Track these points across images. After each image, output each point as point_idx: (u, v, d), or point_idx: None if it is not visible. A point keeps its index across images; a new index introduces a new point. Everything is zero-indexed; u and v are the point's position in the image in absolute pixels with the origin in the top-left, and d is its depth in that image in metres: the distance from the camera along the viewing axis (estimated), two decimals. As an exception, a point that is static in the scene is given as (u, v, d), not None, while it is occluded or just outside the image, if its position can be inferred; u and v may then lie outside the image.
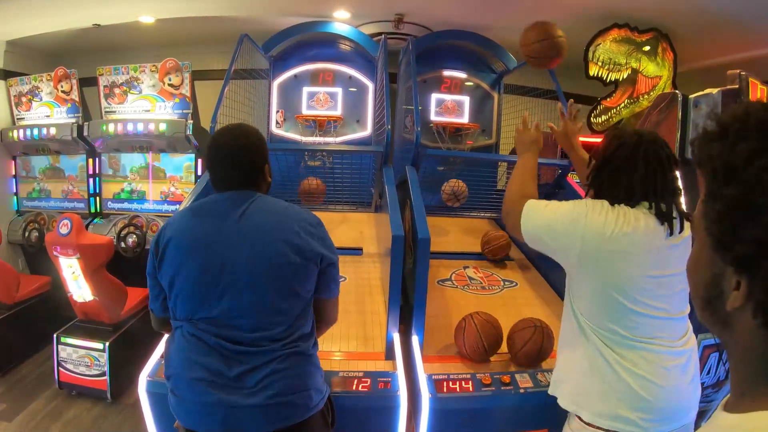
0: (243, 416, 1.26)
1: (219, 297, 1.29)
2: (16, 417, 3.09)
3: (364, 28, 3.68)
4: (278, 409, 1.28)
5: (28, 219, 4.15)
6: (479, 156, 3.23)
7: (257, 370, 1.28)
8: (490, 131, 3.75)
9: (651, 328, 1.29)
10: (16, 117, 4.39)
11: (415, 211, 2.10)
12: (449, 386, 1.72)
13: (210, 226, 1.34)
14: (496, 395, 1.70)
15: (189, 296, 1.32)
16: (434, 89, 3.65)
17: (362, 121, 3.46)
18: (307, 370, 1.36)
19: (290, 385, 1.30)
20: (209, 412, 1.27)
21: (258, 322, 1.29)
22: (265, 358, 1.29)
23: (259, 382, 1.27)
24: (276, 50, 3.46)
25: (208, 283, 1.30)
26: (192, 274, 1.31)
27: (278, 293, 1.31)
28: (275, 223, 1.34)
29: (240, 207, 1.35)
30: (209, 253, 1.30)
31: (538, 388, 1.73)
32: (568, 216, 1.34)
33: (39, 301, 3.90)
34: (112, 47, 4.59)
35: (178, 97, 3.67)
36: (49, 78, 4.11)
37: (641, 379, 1.27)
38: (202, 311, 1.30)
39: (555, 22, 2.27)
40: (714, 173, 0.50)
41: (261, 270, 1.29)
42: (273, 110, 3.39)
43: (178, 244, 1.34)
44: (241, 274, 1.29)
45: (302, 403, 1.32)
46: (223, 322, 1.29)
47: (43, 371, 3.62)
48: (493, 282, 2.70)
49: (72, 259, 3.10)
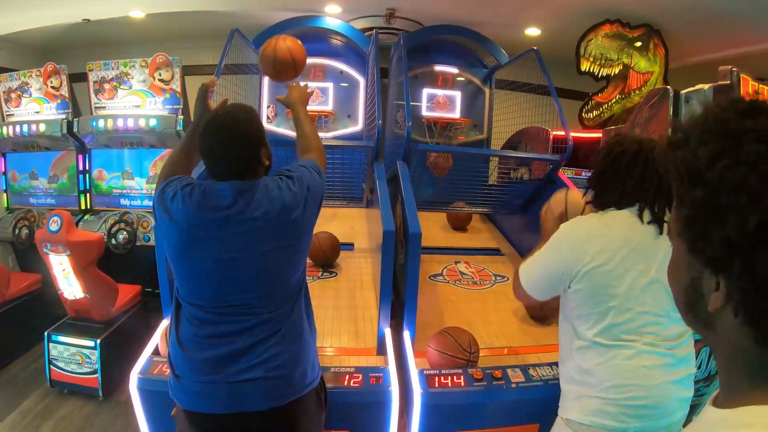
0: (243, 392, 1.29)
1: (217, 283, 1.32)
2: (7, 416, 3.07)
3: (355, 23, 3.67)
4: (276, 384, 1.31)
5: (18, 216, 4.11)
6: (470, 150, 3.23)
7: (256, 347, 1.31)
8: (482, 126, 3.75)
9: (638, 325, 1.31)
10: (5, 113, 4.35)
11: (406, 206, 2.09)
12: (441, 381, 1.72)
13: (208, 217, 1.31)
14: (487, 390, 1.70)
15: (189, 281, 1.36)
16: (426, 84, 3.65)
17: (353, 116, 3.45)
18: (303, 348, 1.39)
19: (287, 361, 1.34)
20: (210, 391, 1.30)
21: (260, 308, 1.33)
22: (262, 335, 1.32)
23: (260, 355, 1.31)
24: (267, 45, 3.44)
25: (207, 271, 1.32)
26: (191, 263, 1.34)
27: (274, 275, 1.34)
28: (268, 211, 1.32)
29: (234, 198, 1.31)
30: (207, 243, 1.31)
31: (529, 383, 1.73)
32: (551, 242, 1.42)
33: (29, 299, 3.88)
34: (102, 42, 4.55)
35: (169, 93, 3.64)
36: (39, 74, 4.07)
37: (623, 375, 1.29)
38: (202, 295, 1.34)
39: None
40: (680, 179, 0.51)
41: (255, 255, 1.31)
42: (264, 105, 3.38)
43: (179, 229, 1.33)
44: (236, 261, 1.30)
45: (298, 380, 1.35)
46: (221, 305, 1.32)
47: (34, 369, 3.59)
48: (485, 277, 2.71)
49: (62, 256, 3.08)
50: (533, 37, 4.08)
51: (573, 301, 1.38)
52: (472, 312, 2.34)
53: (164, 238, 1.37)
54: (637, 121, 2.85)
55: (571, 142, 2.61)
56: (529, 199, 2.91)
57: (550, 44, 3.74)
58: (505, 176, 3.13)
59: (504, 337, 2.13)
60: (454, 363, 1.79)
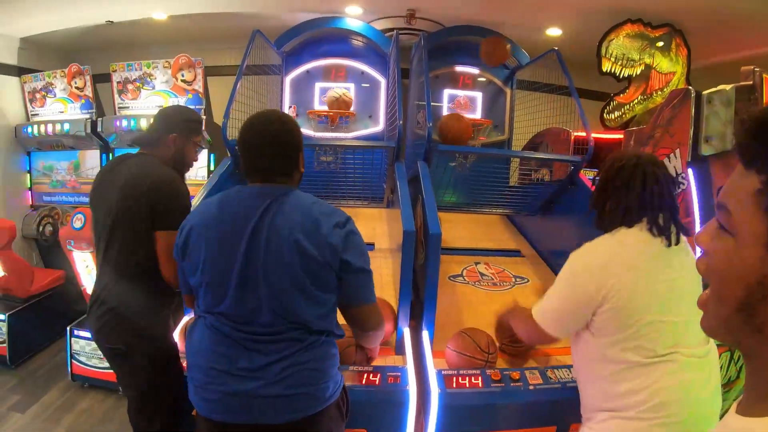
0: (260, 406, 1.27)
1: (238, 292, 1.29)
2: (29, 408, 3.14)
3: (376, 24, 3.67)
4: (296, 399, 1.28)
5: (42, 213, 4.19)
6: (491, 152, 3.21)
7: (277, 363, 1.28)
8: (503, 127, 3.73)
9: (671, 338, 1.28)
10: (30, 113, 4.43)
11: (426, 207, 2.08)
12: (459, 382, 1.71)
13: (232, 221, 1.32)
14: (505, 391, 1.68)
15: (209, 290, 1.33)
16: (447, 85, 3.64)
17: (374, 116, 3.45)
18: (325, 363, 1.35)
19: (308, 377, 1.30)
20: (228, 401, 1.28)
21: (276, 319, 1.28)
22: (284, 351, 1.29)
23: (278, 374, 1.27)
24: (288, 46, 3.47)
25: (227, 279, 1.29)
26: (212, 269, 1.31)
27: (295, 292, 1.29)
28: (296, 221, 1.30)
29: (264, 202, 1.32)
30: (229, 249, 1.29)
31: (547, 384, 1.72)
32: (565, 275, 1.40)
33: (52, 294, 3.95)
34: (125, 44, 4.61)
35: (191, 93, 3.69)
36: (63, 74, 4.14)
37: (664, 393, 1.25)
38: (223, 305, 1.30)
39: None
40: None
41: (277, 268, 1.27)
42: (285, 106, 3.40)
43: (200, 235, 1.34)
44: (258, 271, 1.27)
45: (319, 394, 1.32)
46: (242, 317, 1.29)
47: (56, 364, 3.66)
48: (505, 278, 2.68)
49: (86, 252, 3.13)
50: (554, 37, 4.05)
51: (601, 324, 1.32)
52: (492, 313, 2.30)
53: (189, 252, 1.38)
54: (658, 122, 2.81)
55: (593, 143, 2.59)
56: (550, 201, 2.89)
57: (572, 44, 3.71)
58: (526, 177, 3.11)
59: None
60: (472, 364, 1.79)
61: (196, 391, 1.33)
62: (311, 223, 1.30)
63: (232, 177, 2.58)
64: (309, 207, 1.34)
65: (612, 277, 1.28)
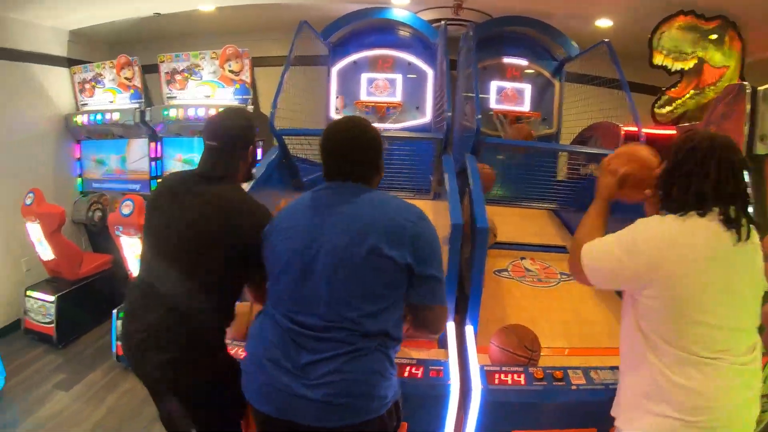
0: (298, 406, 1.24)
1: (300, 286, 1.29)
2: (73, 387, 3.23)
3: (422, 14, 3.63)
4: (332, 409, 1.24)
5: (92, 200, 4.31)
6: (541, 145, 3.14)
7: (322, 364, 1.24)
8: (551, 120, 3.65)
9: (718, 342, 1.21)
10: (80, 103, 4.56)
11: (474, 200, 2.06)
12: (501, 378, 1.68)
13: (307, 217, 1.35)
14: (547, 390, 1.64)
15: (277, 282, 1.35)
16: (494, 76, 3.58)
17: (421, 107, 3.42)
18: (374, 376, 1.28)
19: (350, 388, 1.25)
20: (270, 394, 1.27)
21: (332, 316, 1.26)
22: (332, 352, 1.25)
23: (321, 377, 1.23)
24: (335, 36, 3.46)
25: (293, 272, 1.30)
26: (281, 263, 1.33)
27: (358, 291, 1.26)
28: (369, 220, 1.29)
29: (340, 199, 1.35)
30: (299, 244, 1.31)
31: (590, 385, 1.67)
32: (624, 237, 1.29)
33: (100, 278, 4.07)
34: (173, 35, 4.69)
35: (239, 83, 3.72)
36: (112, 65, 4.24)
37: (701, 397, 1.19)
38: (286, 298, 1.32)
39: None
40: None
41: (342, 265, 1.26)
42: (332, 96, 3.39)
43: (278, 230, 1.39)
44: (323, 267, 1.27)
45: (359, 406, 1.26)
46: (300, 310, 1.29)
47: (102, 345, 3.77)
48: (550, 274, 2.62)
49: (134, 238, 3.20)
50: (604, 28, 3.94)
51: (647, 310, 1.27)
52: (536, 310, 2.28)
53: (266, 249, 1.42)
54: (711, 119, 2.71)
55: (644, 138, 2.50)
56: None
57: (622, 36, 3.60)
58: (574, 172, 3.03)
59: (565, 338, 2.05)
60: (515, 360, 1.74)
61: (248, 379, 1.35)
62: (385, 220, 1.29)
63: (279, 167, 2.60)
64: (384, 204, 1.34)
65: (670, 263, 1.21)
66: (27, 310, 3.79)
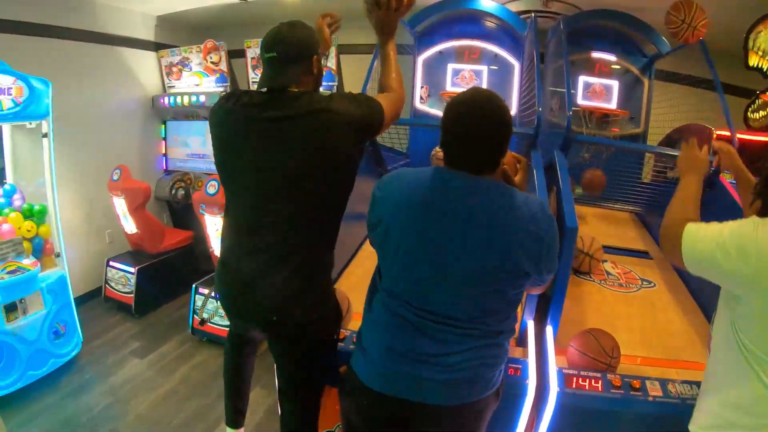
0: (428, 388, 1.27)
1: (427, 282, 1.26)
2: (148, 355, 3.42)
3: (510, 6, 3.57)
4: (465, 386, 1.29)
5: (176, 178, 4.51)
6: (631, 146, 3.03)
7: (457, 355, 1.27)
8: (639, 119, 3.52)
9: None
10: (166, 85, 4.77)
11: (563, 199, 2.00)
12: (578, 382, 1.65)
13: (435, 209, 1.25)
14: (624, 399, 1.60)
15: (398, 272, 1.30)
16: (581, 71, 3.48)
17: (507, 101, 3.37)
18: (499, 358, 1.35)
19: (482, 369, 1.30)
20: (396, 378, 1.29)
21: (462, 313, 1.26)
22: (464, 345, 1.27)
23: (456, 364, 1.27)
24: (421, 26, 3.44)
25: (419, 268, 1.26)
26: (404, 255, 1.27)
27: (487, 292, 1.25)
28: (507, 236, 1.22)
29: (470, 193, 1.24)
30: (426, 237, 1.24)
31: (667, 398, 1.61)
32: (737, 232, 1.18)
33: (180, 253, 4.27)
34: (258, 21, 4.77)
35: (325, 70, 3.77)
36: (198, 50, 4.41)
37: None
38: (409, 291, 1.29)
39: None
40: None
41: (474, 267, 1.22)
42: (417, 86, 3.40)
43: (396, 215, 1.29)
44: (453, 267, 1.23)
45: (488, 383, 1.32)
46: (428, 306, 1.27)
47: (178, 317, 3.96)
48: (631, 280, 2.55)
49: (217, 217, 3.33)
50: (697, 25, 3.76)
51: (741, 313, 1.18)
52: (615, 315, 2.21)
53: (379, 230, 1.34)
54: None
55: (737, 144, 2.37)
56: None
57: (715, 34, 3.42)
58: (660, 175, 2.92)
59: (643, 347, 1.98)
60: (593, 365, 1.71)
61: (367, 362, 1.34)
62: (523, 233, 1.22)
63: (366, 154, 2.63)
64: (520, 210, 1.24)
65: None
66: (108, 279, 4.02)
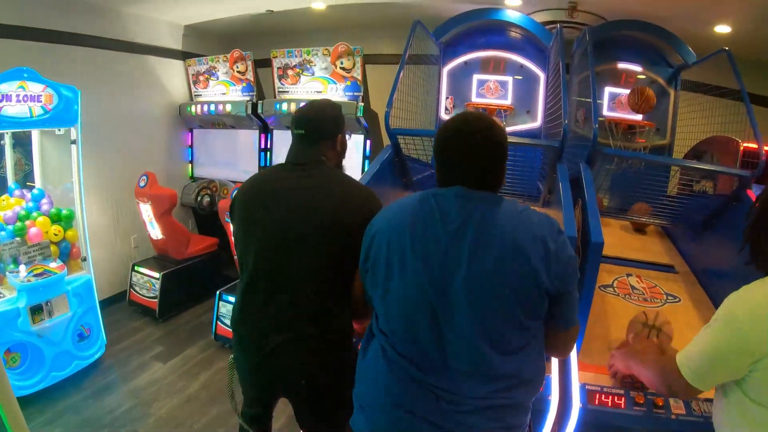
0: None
1: (430, 322, 1.14)
2: (171, 360, 3.47)
3: (535, 16, 3.58)
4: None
5: (201, 185, 4.60)
6: (659, 159, 3.00)
7: (464, 414, 1.15)
8: (665, 131, 3.49)
9: None
10: (193, 93, 4.86)
11: (589, 213, 2.01)
12: (601, 399, 1.65)
13: (428, 232, 1.16)
14: (647, 416, 1.60)
15: (394, 311, 1.19)
16: (606, 82, 3.46)
17: (532, 112, 3.36)
18: (518, 422, 1.21)
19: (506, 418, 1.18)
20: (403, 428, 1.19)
21: (475, 364, 1.13)
22: (476, 405, 1.15)
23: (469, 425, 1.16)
24: (446, 37, 3.46)
25: (418, 303, 1.14)
26: (400, 288, 1.17)
27: (501, 323, 1.13)
28: (506, 238, 1.12)
29: (466, 211, 1.15)
30: (423, 267, 1.14)
31: (690, 417, 1.61)
32: (724, 332, 1.15)
33: (205, 259, 4.34)
34: (284, 31, 4.88)
35: (350, 80, 3.84)
36: (225, 59, 4.48)
37: None
38: (408, 336, 1.17)
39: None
40: None
41: (481, 296, 1.11)
42: (443, 96, 3.42)
43: (388, 243, 1.20)
44: (458, 298, 1.11)
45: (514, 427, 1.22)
46: (434, 360, 1.14)
47: (201, 323, 4.01)
48: (656, 294, 2.52)
49: (243, 224, 3.37)
50: (722, 34, 3.71)
51: (753, 384, 1.13)
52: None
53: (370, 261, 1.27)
54: None
55: (765, 156, 2.34)
56: (711, 216, 2.65)
57: (742, 43, 3.38)
58: (686, 187, 2.89)
59: None
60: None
61: (367, 422, 1.24)
62: (523, 238, 1.12)
63: (391, 165, 2.66)
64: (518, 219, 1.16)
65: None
66: (133, 283, 4.10)
